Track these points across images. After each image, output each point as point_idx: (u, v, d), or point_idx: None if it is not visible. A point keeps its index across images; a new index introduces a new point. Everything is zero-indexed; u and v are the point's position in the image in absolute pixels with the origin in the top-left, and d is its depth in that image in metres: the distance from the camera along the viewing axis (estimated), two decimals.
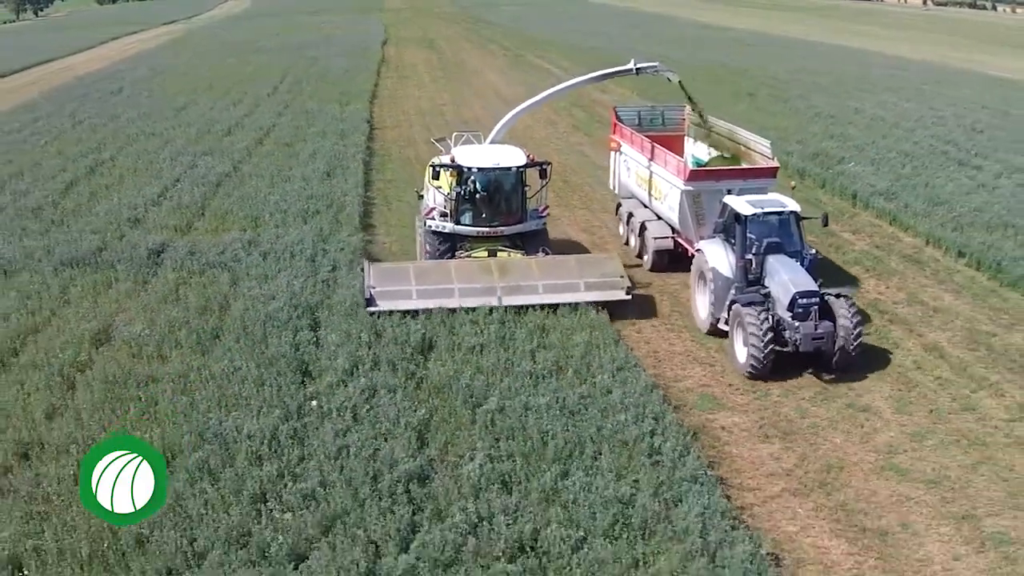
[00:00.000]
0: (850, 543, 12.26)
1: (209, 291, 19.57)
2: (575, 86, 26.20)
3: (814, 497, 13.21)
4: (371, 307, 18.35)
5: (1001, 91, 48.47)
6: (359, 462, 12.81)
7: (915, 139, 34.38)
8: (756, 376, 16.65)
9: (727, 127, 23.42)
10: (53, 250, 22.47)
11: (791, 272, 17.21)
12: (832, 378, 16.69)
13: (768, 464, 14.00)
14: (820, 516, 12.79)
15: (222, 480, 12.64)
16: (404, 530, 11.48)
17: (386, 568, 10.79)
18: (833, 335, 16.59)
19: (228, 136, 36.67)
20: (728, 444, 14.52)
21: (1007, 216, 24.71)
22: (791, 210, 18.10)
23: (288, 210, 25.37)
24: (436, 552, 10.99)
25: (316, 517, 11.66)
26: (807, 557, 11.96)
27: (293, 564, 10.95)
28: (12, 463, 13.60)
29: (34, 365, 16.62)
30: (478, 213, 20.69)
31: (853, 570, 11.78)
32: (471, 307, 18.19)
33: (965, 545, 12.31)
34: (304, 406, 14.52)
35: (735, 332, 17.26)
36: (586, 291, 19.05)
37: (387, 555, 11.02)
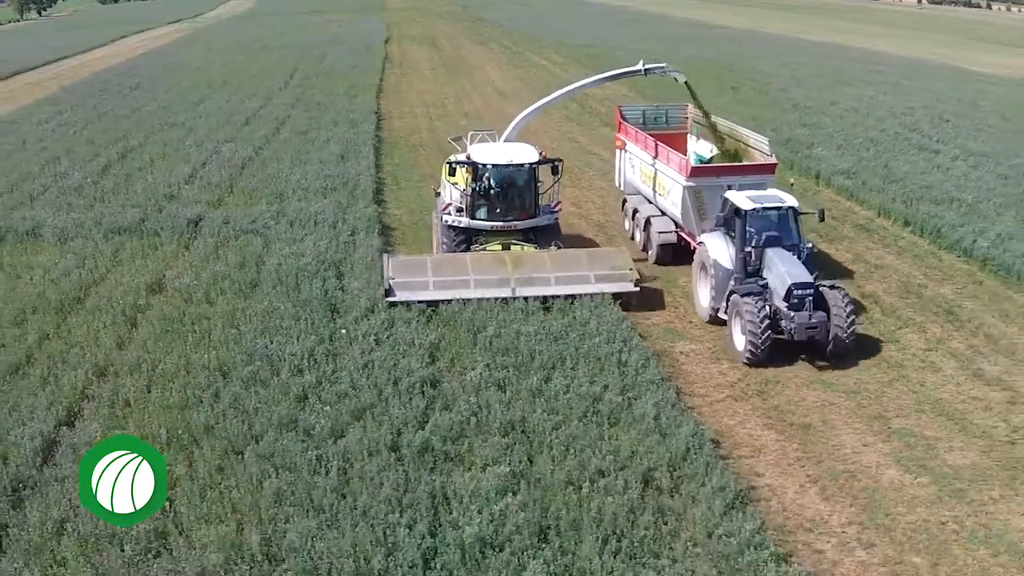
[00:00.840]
0: (778, 433, 15.38)
1: (245, 251, 22.75)
2: (585, 86, 27.14)
3: (752, 401, 16.35)
4: (389, 297, 19.26)
5: (976, 85, 51.61)
6: (382, 372, 15.96)
7: (883, 127, 37.53)
8: (754, 363, 17.59)
9: (728, 125, 24.71)
10: (101, 221, 25.64)
11: (788, 264, 18.13)
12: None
13: (716, 379, 17.16)
14: (755, 415, 15.93)
15: (270, 386, 15.75)
16: (420, 417, 14.62)
17: (406, 441, 13.89)
18: (827, 325, 17.56)
19: (246, 126, 39.83)
20: (684, 364, 17.68)
21: (954, 192, 27.84)
22: (789, 205, 19.09)
23: (309, 187, 28.54)
24: (445, 431, 14.12)
25: (349, 408, 14.78)
26: (741, 442, 15.08)
27: (333, 440, 14.04)
28: (92, 379, 16.66)
29: (99, 309, 19.73)
30: (492, 208, 21.66)
31: (778, 451, 14.89)
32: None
33: (873, 436, 15.40)
34: (335, 334, 17.67)
35: (734, 321, 18.24)
36: (596, 283, 19.88)
37: (406, 433, 14.13)
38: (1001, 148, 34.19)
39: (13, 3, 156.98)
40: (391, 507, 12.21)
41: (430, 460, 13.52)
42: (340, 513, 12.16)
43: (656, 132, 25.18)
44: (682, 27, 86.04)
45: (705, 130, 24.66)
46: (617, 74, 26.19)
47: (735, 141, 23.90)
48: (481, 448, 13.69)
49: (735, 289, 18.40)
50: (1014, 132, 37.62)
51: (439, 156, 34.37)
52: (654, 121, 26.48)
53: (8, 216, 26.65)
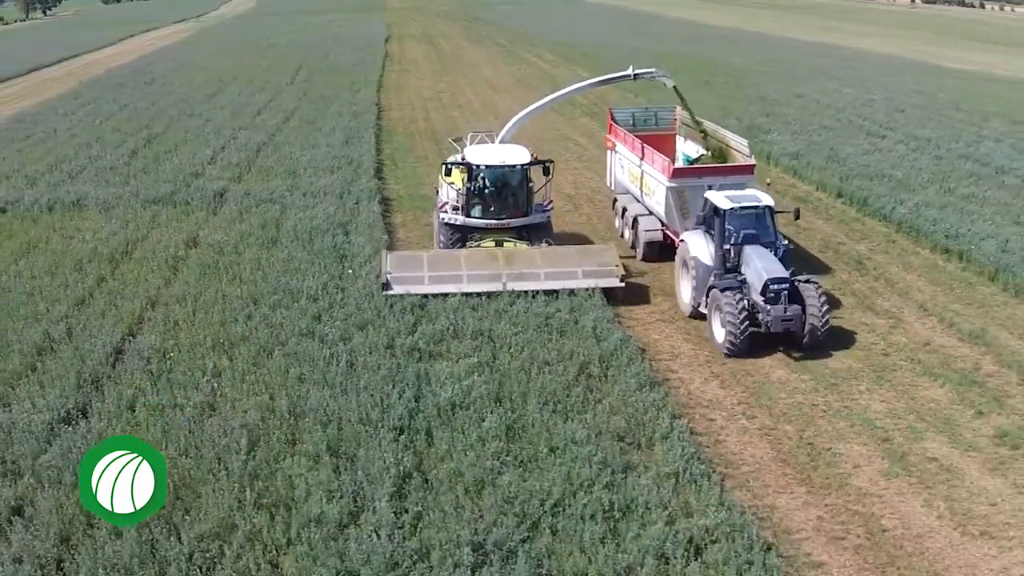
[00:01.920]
0: (694, 345, 19.59)
1: (266, 216, 27.14)
2: (577, 91, 28.49)
3: (678, 324, 20.62)
4: (387, 291, 20.55)
5: (941, 80, 55.82)
6: (380, 298, 20.27)
7: (839, 116, 41.86)
8: (733, 354, 18.86)
9: (711, 127, 26.01)
10: (137, 193, 30.04)
11: (765, 261, 19.39)
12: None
13: (653, 312, 21.36)
14: (678, 333, 20.23)
15: (292, 309, 20.05)
16: (410, 328, 18.96)
17: (399, 343, 18.22)
18: (801, 317, 18.88)
19: (258, 116, 44.25)
20: (625, 298, 21.83)
21: (888, 170, 32.11)
22: (766, 204, 20.29)
23: (318, 166, 32.91)
24: (429, 336, 18.48)
25: (354, 322, 19.09)
26: (663, 350, 19.36)
27: (342, 343, 18.31)
28: (146, 309, 20.93)
29: (145, 259, 24.08)
30: (487, 207, 22.99)
31: (691, 356, 19.15)
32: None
33: (770, 348, 19.62)
34: (343, 273, 21.99)
35: (713, 315, 19.51)
36: (583, 278, 21.21)
37: (399, 338, 18.46)
38: (945, 134, 38.46)
39: (19, 2, 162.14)
40: (386, 383, 16.53)
41: (416, 355, 17.87)
42: (347, 387, 16.46)
43: (646, 133, 26.48)
44: (673, 26, 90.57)
45: (693, 131, 25.96)
46: (607, 79, 27.35)
47: (717, 142, 25.23)
48: (456, 347, 18.06)
49: (715, 284, 19.64)
50: (961, 120, 41.88)
51: (433, 142, 39.10)
52: (644, 123, 27.70)
53: (54, 190, 30.99)
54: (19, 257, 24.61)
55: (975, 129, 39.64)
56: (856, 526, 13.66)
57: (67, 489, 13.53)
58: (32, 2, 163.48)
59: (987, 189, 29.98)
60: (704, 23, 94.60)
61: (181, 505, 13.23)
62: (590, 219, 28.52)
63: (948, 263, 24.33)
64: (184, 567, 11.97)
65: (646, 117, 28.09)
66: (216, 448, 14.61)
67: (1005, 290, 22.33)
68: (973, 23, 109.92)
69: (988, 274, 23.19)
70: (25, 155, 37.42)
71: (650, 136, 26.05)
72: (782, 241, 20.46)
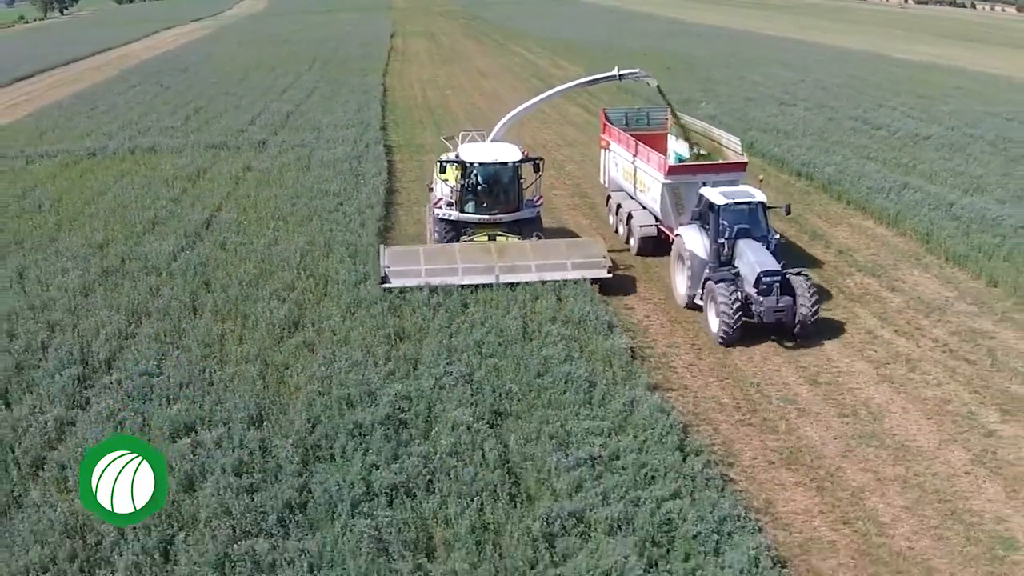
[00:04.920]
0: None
1: (300, 153, 37.99)
2: (563, 91, 30.44)
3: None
4: (385, 284, 22.22)
5: (882, 67, 65.87)
6: (382, 191, 30.99)
7: (766, 93, 52.41)
8: (726, 343, 20.21)
9: (703, 126, 28.05)
10: (199, 142, 40.86)
11: (757, 254, 20.53)
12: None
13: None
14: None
15: (323, 199, 30.64)
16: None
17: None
18: (792, 308, 20.13)
19: (284, 93, 55.26)
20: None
21: (782, 126, 42.63)
22: (759, 200, 21.48)
23: (336, 124, 43.78)
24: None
25: (365, 204, 29.76)
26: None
27: (357, 214, 28.88)
28: (222, 202, 31.56)
29: (213, 179, 34.81)
30: (479, 203, 24.50)
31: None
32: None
33: None
34: (357, 183, 32.69)
35: (708, 306, 20.75)
36: (573, 270, 22.63)
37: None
38: (849, 104, 48.89)
39: (37, 2, 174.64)
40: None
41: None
42: (361, 233, 26.99)
43: (639, 132, 28.05)
44: (658, 24, 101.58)
45: (683, 131, 27.73)
46: (593, 80, 29.41)
47: (710, 141, 26.96)
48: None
49: (709, 277, 20.87)
50: (871, 96, 52.17)
51: (428, 112, 50.00)
52: (636, 122, 29.37)
53: (130, 141, 41.78)
54: (118, 179, 35.30)
55: (879, 102, 50.02)
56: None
57: (187, 280, 24.20)
58: (50, 2, 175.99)
59: (857, 138, 40.48)
60: (690, 22, 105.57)
61: (267, 276, 23.78)
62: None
63: (799, 181, 34.80)
64: (265, 304, 22.11)
65: (639, 117, 29.92)
66: (280, 257, 25.13)
67: (828, 194, 32.86)
68: (953, 22, 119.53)
69: (823, 187, 33.71)
70: (96, 121, 48.25)
71: (644, 136, 27.68)
72: (774, 235, 21.78)
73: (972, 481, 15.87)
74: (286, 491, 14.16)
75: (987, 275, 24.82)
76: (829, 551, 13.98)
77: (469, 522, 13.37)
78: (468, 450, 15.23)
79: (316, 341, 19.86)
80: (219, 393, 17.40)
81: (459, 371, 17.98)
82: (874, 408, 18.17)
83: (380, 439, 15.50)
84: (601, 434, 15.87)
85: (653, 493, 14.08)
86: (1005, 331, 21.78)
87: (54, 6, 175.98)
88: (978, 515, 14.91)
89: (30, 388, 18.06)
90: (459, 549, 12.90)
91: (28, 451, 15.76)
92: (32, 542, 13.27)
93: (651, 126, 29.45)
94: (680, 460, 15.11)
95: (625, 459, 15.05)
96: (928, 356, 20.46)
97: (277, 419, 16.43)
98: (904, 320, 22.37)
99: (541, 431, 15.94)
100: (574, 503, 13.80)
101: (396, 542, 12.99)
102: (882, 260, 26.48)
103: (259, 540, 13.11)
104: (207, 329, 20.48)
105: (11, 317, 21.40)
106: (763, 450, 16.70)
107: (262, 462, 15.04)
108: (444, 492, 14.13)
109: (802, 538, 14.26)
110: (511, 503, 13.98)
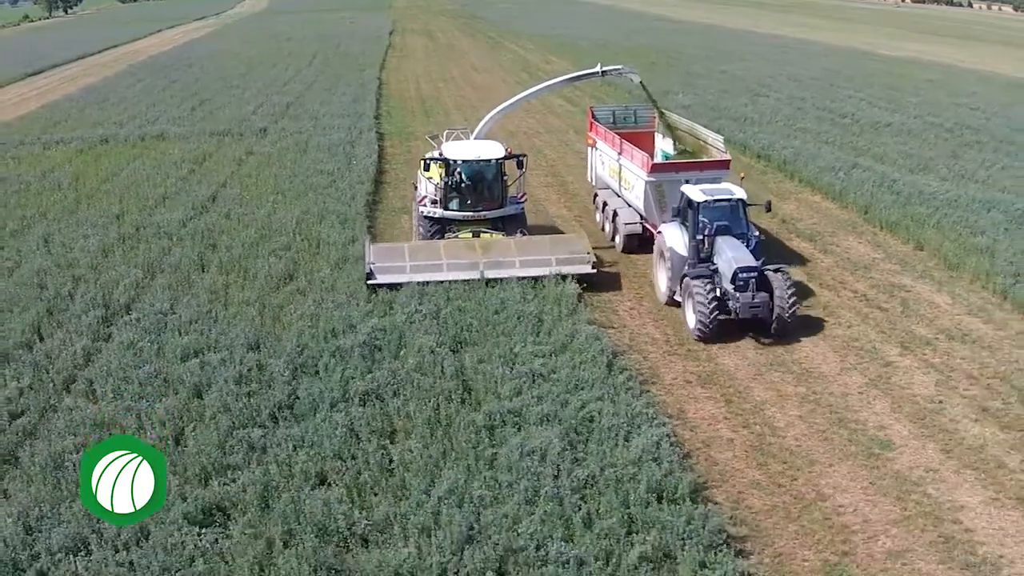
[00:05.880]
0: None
1: (298, 138, 41.18)
2: (547, 89, 30.75)
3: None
4: (370, 280, 22.38)
5: (860, 62, 68.78)
6: (372, 170, 34.09)
7: (741, 85, 55.40)
8: (703, 339, 20.54)
9: (688, 124, 28.46)
10: (204, 130, 44.04)
11: (735, 251, 20.92)
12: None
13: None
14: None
15: (319, 176, 33.75)
16: None
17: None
18: (769, 304, 20.38)
19: (285, 86, 58.48)
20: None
21: (750, 115, 45.62)
22: (738, 198, 21.79)
23: (333, 114, 46.98)
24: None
25: (356, 180, 32.85)
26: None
27: (348, 188, 31.96)
28: (225, 180, 34.69)
29: (218, 161, 37.97)
30: (464, 200, 24.84)
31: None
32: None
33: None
34: (350, 164, 35.79)
35: (686, 302, 21.11)
36: (557, 266, 22.98)
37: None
38: (819, 95, 51.94)
39: (42, 1, 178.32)
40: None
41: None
42: (351, 204, 30.08)
43: (626, 131, 28.31)
44: (649, 22, 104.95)
45: (669, 129, 28.17)
46: (575, 76, 29.87)
47: (695, 139, 27.33)
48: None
49: (687, 273, 21.25)
50: (843, 88, 55.14)
51: (420, 103, 53.14)
52: (623, 120, 29.62)
53: (140, 129, 44.96)
54: (130, 161, 38.44)
55: (849, 93, 52.98)
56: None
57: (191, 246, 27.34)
58: (55, 1, 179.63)
59: (820, 125, 43.48)
60: (681, 19, 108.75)
61: (267, 239, 26.86)
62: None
63: (758, 163, 37.81)
64: (264, 260, 25.18)
65: (626, 115, 30.16)
66: (278, 224, 28.24)
67: (783, 173, 35.90)
68: (947, 20, 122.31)
69: (779, 167, 36.74)
70: (107, 112, 51.39)
71: (630, 134, 28.01)
72: (754, 232, 22.15)
73: (863, 399, 18.79)
74: (277, 395, 17.25)
75: (915, 240, 27.80)
76: (727, 447, 16.98)
77: (425, 416, 16.43)
78: (431, 367, 18.31)
79: (307, 289, 22.93)
80: (223, 327, 20.48)
81: (428, 309, 21.06)
82: (787, 343, 21.12)
83: (357, 358, 18.59)
84: (543, 356, 18.90)
85: (579, 397, 17.11)
86: (922, 286, 24.73)
87: (59, 5, 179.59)
88: (862, 424, 17.82)
89: (60, 325, 21.16)
90: (415, 436, 15.95)
91: (60, 371, 18.82)
92: (67, 434, 16.33)
93: (638, 124, 29.87)
94: (606, 374, 18.15)
95: (560, 374, 18.09)
96: (846, 304, 23.43)
97: (272, 345, 19.51)
98: (831, 277, 25.35)
99: (493, 353, 19.00)
100: (513, 403, 16.86)
101: (365, 430, 16.06)
102: (821, 228, 29.49)
103: (254, 430, 16.19)
104: (213, 280, 23.61)
105: (40, 273, 24.48)
106: (683, 373, 19.76)
107: (258, 375, 18.13)
108: (407, 396, 17.21)
109: (705, 437, 17.27)
110: (462, 404, 17.06)
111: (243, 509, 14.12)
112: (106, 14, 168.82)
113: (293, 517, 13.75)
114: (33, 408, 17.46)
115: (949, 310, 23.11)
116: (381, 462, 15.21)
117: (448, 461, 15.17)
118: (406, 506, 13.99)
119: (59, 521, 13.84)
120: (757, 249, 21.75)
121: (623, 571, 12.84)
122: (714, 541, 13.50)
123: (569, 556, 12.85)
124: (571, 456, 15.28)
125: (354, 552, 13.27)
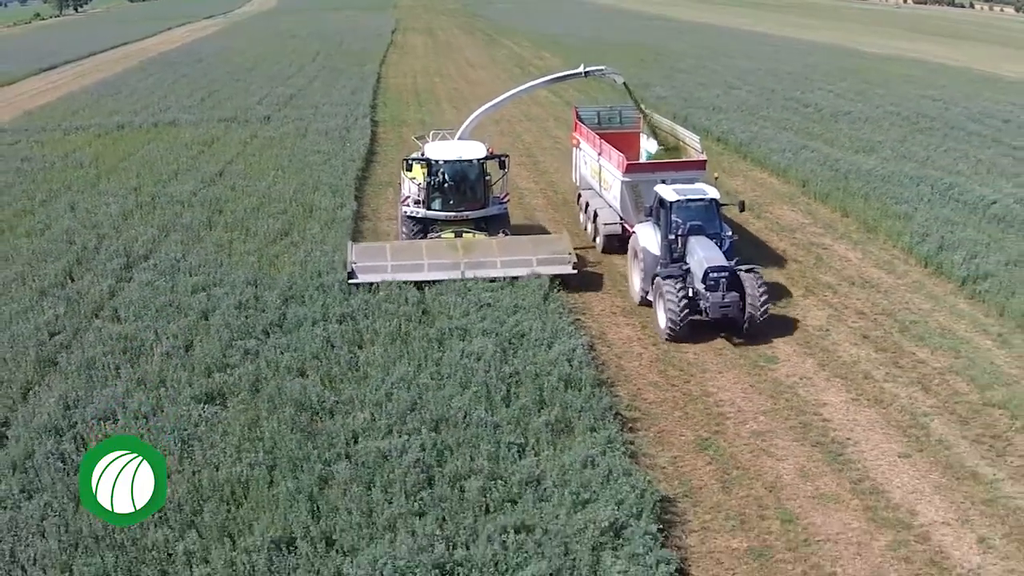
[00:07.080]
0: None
1: (298, 125, 45.44)
2: (529, 89, 31.43)
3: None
4: (352, 280, 22.81)
5: (841, 59, 72.29)
6: (366, 148, 38.26)
7: (720, 79, 59.31)
8: (673, 339, 20.90)
9: (669, 124, 29.24)
10: (213, 117, 48.33)
11: (707, 250, 21.19)
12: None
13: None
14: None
15: (317, 155, 37.94)
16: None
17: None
18: (739, 304, 20.60)
19: (288, 80, 62.79)
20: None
21: (719, 104, 49.57)
22: (711, 197, 22.09)
23: (332, 103, 51.24)
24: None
25: (349, 158, 37.02)
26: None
27: (342, 166, 36.08)
28: (232, 159, 38.90)
29: (225, 144, 42.17)
30: (446, 200, 25.35)
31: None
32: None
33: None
34: (344, 146, 39.93)
35: (657, 302, 21.43)
36: (538, 266, 23.35)
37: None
38: (791, 87, 55.81)
39: (52, 0, 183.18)
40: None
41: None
42: (344, 178, 34.23)
43: (611, 131, 28.83)
44: (644, 21, 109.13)
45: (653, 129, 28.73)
46: (558, 77, 30.43)
47: (674, 139, 27.92)
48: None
49: (659, 273, 21.53)
50: (817, 81, 58.89)
51: (415, 95, 57.33)
52: (608, 121, 30.09)
53: (153, 117, 49.23)
54: (145, 144, 42.63)
55: (820, 86, 56.79)
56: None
57: (205, 212, 31.56)
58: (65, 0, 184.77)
59: (783, 114, 47.42)
60: (675, 18, 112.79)
61: (267, 205, 31.01)
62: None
63: (716, 145, 41.67)
64: (264, 221, 29.39)
65: (611, 116, 30.63)
66: (277, 193, 32.36)
67: (737, 155, 39.91)
68: (944, 20, 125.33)
69: (735, 149, 40.74)
70: (121, 102, 55.65)
71: (615, 134, 28.52)
72: (727, 232, 22.41)
73: (759, 327, 22.51)
74: (269, 317, 21.38)
75: (842, 208, 31.74)
76: (636, 358, 20.92)
77: (389, 332, 20.55)
78: (397, 297, 22.42)
79: (300, 243, 27.04)
80: (227, 270, 24.62)
81: None
82: None
83: (337, 291, 22.71)
84: (492, 291, 22.98)
85: (515, 319, 21.17)
86: (838, 244, 28.63)
87: (69, 3, 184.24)
88: (754, 344, 21.57)
89: (88, 270, 25.32)
90: (379, 344, 20.07)
91: (90, 303, 22.95)
92: (97, 348, 20.45)
93: (624, 124, 30.28)
94: (542, 303, 22.23)
95: (502, 303, 22.15)
96: (767, 255, 27.24)
97: (267, 282, 23.65)
98: (759, 238, 29.33)
99: (450, 288, 23.08)
100: (461, 322, 20.95)
101: (339, 340, 20.17)
102: (760, 199, 33.47)
103: (249, 340, 20.30)
104: (219, 236, 27.80)
105: (68, 232, 28.63)
106: (611, 307, 23.81)
107: (255, 303, 22.25)
108: (375, 317, 21.33)
109: (619, 351, 21.29)
110: (419, 323, 21.18)
111: (237, 392, 18.21)
112: (116, 12, 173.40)
113: (277, 397, 17.85)
114: (68, 328, 21.55)
115: (858, 264, 27.00)
116: (350, 362, 19.29)
117: (403, 361, 19.25)
118: (365, 389, 18.08)
119: (91, 401, 17.92)
120: (731, 249, 22.08)
121: (531, 432, 16.85)
122: (605, 416, 17.48)
123: (488, 421, 16.89)
124: (502, 358, 19.32)
125: (323, 419, 17.37)
